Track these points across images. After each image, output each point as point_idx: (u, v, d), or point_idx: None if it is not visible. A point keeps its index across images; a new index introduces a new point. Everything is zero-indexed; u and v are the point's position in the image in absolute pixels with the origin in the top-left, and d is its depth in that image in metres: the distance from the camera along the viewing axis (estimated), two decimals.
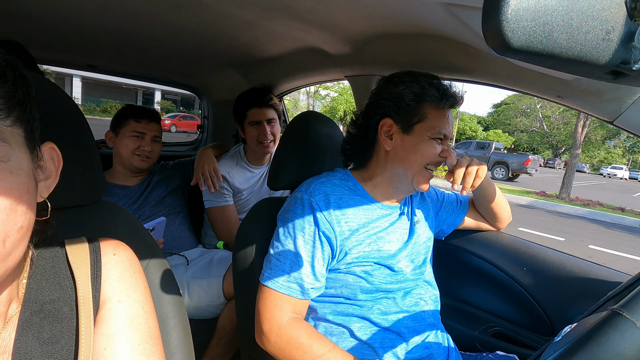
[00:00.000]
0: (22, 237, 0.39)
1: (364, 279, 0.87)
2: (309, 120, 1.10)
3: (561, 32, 0.25)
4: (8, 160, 0.38)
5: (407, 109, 0.89)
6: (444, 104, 0.88)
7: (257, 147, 1.65)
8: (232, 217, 1.66)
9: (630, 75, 0.28)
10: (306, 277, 0.83)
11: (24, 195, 0.39)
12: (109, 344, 0.49)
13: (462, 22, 0.86)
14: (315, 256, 0.84)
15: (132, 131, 1.48)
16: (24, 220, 0.39)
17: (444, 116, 0.89)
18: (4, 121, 0.39)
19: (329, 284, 0.88)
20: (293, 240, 0.84)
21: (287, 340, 0.79)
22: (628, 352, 0.34)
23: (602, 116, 0.85)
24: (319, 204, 0.86)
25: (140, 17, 1.20)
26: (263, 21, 1.17)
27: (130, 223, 0.73)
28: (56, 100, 0.62)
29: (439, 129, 0.88)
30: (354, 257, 0.86)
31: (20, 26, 1.35)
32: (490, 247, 1.27)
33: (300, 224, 0.85)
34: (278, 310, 0.81)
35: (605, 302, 0.49)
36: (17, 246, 0.39)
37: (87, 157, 0.66)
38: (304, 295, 0.83)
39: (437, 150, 0.89)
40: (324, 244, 0.84)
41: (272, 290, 0.83)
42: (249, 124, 1.65)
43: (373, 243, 0.89)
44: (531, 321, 1.16)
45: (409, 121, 0.89)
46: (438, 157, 0.90)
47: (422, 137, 0.88)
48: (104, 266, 0.53)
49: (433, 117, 0.89)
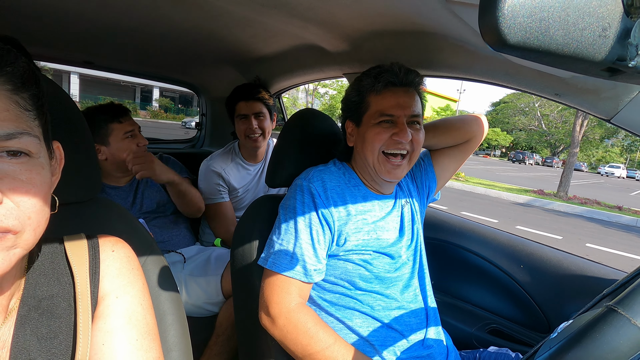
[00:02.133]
0: (44, 228, 0.43)
1: (363, 267, 0.88)
2: (308, 117, 1.10)
3: (557, 29, 0.25)
4: (39, 157, 0.42)
5: (355, 105, 0.95)
6: (378, 86, 0.90)
7: (246, 141, 1.65)
8: (228, 213, 1.66)
9: (626, 73, 0.28)
10: (309, 258, 0.85)
11: (49, 190, 0.44)
12: (107, 340, 0.49)
13: (460, 19, 0.86)
14: (316, 239, 0.86)
15: (125, 132, 1.40)
16: (48, 212, 0.44)
17: (387, 98, 0.90)
18: (34, 121, 0.42)
19: (329, 271, 0.90)
20: (294, 225, 0.87)
21: (295, 324, 0.80)
22: (623, 348, 0.34)
23: (599, 114, 0.85)
24: (317, 189, 0.89)
25: (138, 13, 1.20)
26: (261, 18, 1.16)
27: (127, 220, 0.73)
28: (55, 98, 0.62)
29: (382, 111, 0.89)
30: (354, 244, 0.88)
31: (16, 22, 1.34)
32: (488, 245, 1.28)
33: (300, 208, 0.88)
34: (286, 294, 0.83)
35: (600, 299, 0.49)
36: (39, 236, 0.43)
37: (85, 155, 0.66)
38: (307, 278, 0.85)
39: (384, 134, 0.89)
40: (324, 226, 0.87)
41: (277, 274, 0.85)
42: (237, 117, 1.66)
43: (372, 232, 0.91)
44: (528, 318, 1.17)
45: (359, 115, 0.94)
46: (390, 140, 0.89)
47: (368, 126, 0.91)
48: (102, 262, 0.53)
49: (375, 103, 0.91)
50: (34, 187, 0.40)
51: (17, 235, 0.39)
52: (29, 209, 0.40)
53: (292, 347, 0.81)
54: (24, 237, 0.40)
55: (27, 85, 0.42)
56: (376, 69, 0.92)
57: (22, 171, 0.40)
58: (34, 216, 0.40)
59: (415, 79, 0.92)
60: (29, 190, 0.40)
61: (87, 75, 23.09)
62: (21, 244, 0.40)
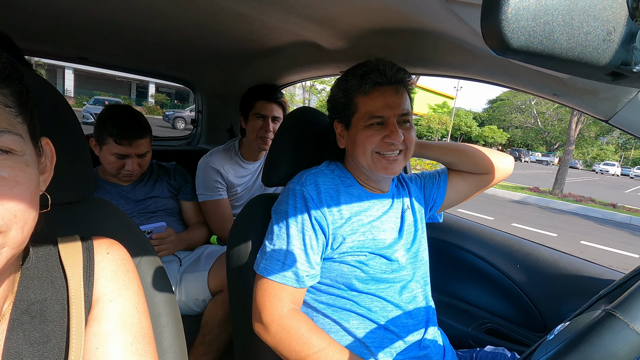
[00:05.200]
0: (33, 227, 0.43)
1: (358, 269, 0.87)
2: (304, 115, 1.09)
3: (562, 33, 0.25)
4: (24, 154, 0.42)
5: (342, 107, 0.93)
6: (365, 87, 0.88)
7: (256, 140, 1.64)
8: (225, 211, 1.66)
9: (630, 77, 0.28)
10: (301, 265, 0.84)
11: (36, 188, 0.43)
12: (101, 344, 0.48)
13: (458, 18, 0.85)
14: (309, 244, 0.85)
15: (113, 153, 1.32)
16: (36, 211, 0.43)
17: (375, 99, 0.88)
18: (16, 118, 0.41)
19: (324, 274, 0.89)
20: (287, 230, 0.86)
21: (287, 330, 0.80)
22: (620, 353, 0.34)
23: (597, 115, 0.85)
24: (311, 193, 0.87)
25: (133, 8, 1.18)
26: (257, 14, 1.15)
27: (122, 221, 0.72)
28: (45, 95, 0.61)
29: (371, 113, 0.88)
30: (349, 246, 0.87)
31: (8, 16, 1.32)
32: (484, 245, 1.28)
33: (293, 213, 0.86)
34: (278, 301, 0.82)
35: (597, 300, 0.49)
36: (28, 235, 0.42)
37: (77, 154, 0.65)
38: (299, 284, 0.84)
39: (375, 137, 0.88)
40: (317, 232, 0.85)
41: (269, 281, 0.83)
42: (254, 115, 1.63)
43: (368, 232, 0.89)
44: (524, 318, 1.17)
45: (347, 117, 0.93)
46: (382, 142, 0.88)
47: (358, 129, 0.90)
48: (96, 265, 0.52)
49: (363, 105, 0.89)
50: (18, 186, 0.40)
51: (2, 234, 0.38)
52: (13, 208, 0.39)
53: (286, 353, 0.80)
54: (10, 236, 0.39)
55: (7, 81, 0.40)
56: (362, 68, 0.89)
57: (4, 168, 0.39)
58: (20, 214, 0.39)
59: (403, 77, 0.89)
60: (12, 188, 0.39)
61: (82, 70, 22.85)
62: (9, 242, 0.39)
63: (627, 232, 7.76)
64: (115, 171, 1.38)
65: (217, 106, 2.36)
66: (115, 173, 1.39)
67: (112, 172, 1.39)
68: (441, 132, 30.55)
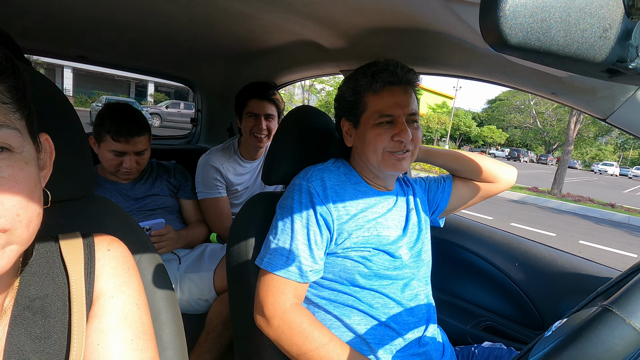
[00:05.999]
0: (39, 223, 0.42)
1: (362, 264, 0.88)
2: (304, 114, 1.10)
3: (559, 29, 0.25)
4: (22, 151, 0.41)
5: (350, 105, 0.94)
6: (376, 86, 0.89)
7: (250, 138, 1.64)
8: (224, 209, 1.66)
9: (626, 74, 0.28)
10: (304, 259, 0.84)
11: (37, 184, 0.43)
12: (102, 340, 0.49)
13: (458, 17, 0.85)
14: (313, 240, 0.85)
15: (110, 150, 1.32)
16: (39, 207, 0.43)
17: (385, 98, 0.89)
18: (14, 114, 0.41)
19: (327, 269, 0.89)
20: (291, 225, 0.86)
21: (290, 324, 0.80)
22: (617, 348, 0.34)
23: (595, 114, 0.86)
24: (317, 189, 0.88)
25: (132, 7, 1.18)
26: (258, 13, 1.15)
27: (123, 218, 0.72)
28: (46, 92, 0.61)
29: (381, 112, 0.89)
30: (353, 241, 0.87)
31: (7, 15, 1.32)
32: (483, 243, 1.28)
33: (298, 209, 0.87)
34: (281, 295, 0.83)
35: (595, 297, 0.49)
36: (35, 231, 0.42)
37: (78, 151, 0.65)
38: (302, 279, 0.84)
39: (385, 135, 0.89)
40: (322, 227, 0.86)
41: (272, 275, 0.84)
42: (246, 114, 1.64)
43: (372, 228, 0.90)
44: (522, 316, 1.18)
45: (355, 115, 0.93)
46: (391, 141, 0.89)
47: (367, 127, 0.91)
48: (97, 261, 0.53)
49: (373, 103, 0.90)
50: (18, 184, 0.39)
51: (7, 233, 0.38)
52: (15, 206, 0.39)
53: (287, 347, 0.81)
54: (16, 234, 0.39)
55: (3, 76, 0.40)
56: (372, 68, 0.90)
57: (4, 168, 0.39)
58: (22, 213, 0.39)
59: (412, 78, 0.91)
60: (12, 187, 0.39)
61: (81, 69, 22.79)
62: (15, 240, 0.39)
63: (625, 232, 7.78)
64: (113, 169, 1.38)
65: (216, 105, 2.36)
66: (113, 171, 1.39)
67: (111, 170, 1.39)
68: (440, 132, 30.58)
